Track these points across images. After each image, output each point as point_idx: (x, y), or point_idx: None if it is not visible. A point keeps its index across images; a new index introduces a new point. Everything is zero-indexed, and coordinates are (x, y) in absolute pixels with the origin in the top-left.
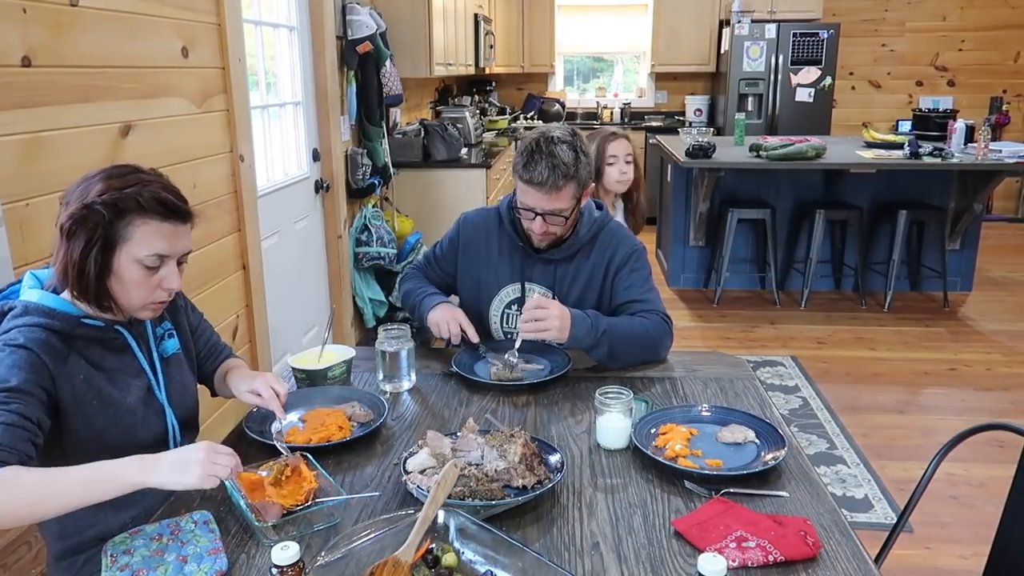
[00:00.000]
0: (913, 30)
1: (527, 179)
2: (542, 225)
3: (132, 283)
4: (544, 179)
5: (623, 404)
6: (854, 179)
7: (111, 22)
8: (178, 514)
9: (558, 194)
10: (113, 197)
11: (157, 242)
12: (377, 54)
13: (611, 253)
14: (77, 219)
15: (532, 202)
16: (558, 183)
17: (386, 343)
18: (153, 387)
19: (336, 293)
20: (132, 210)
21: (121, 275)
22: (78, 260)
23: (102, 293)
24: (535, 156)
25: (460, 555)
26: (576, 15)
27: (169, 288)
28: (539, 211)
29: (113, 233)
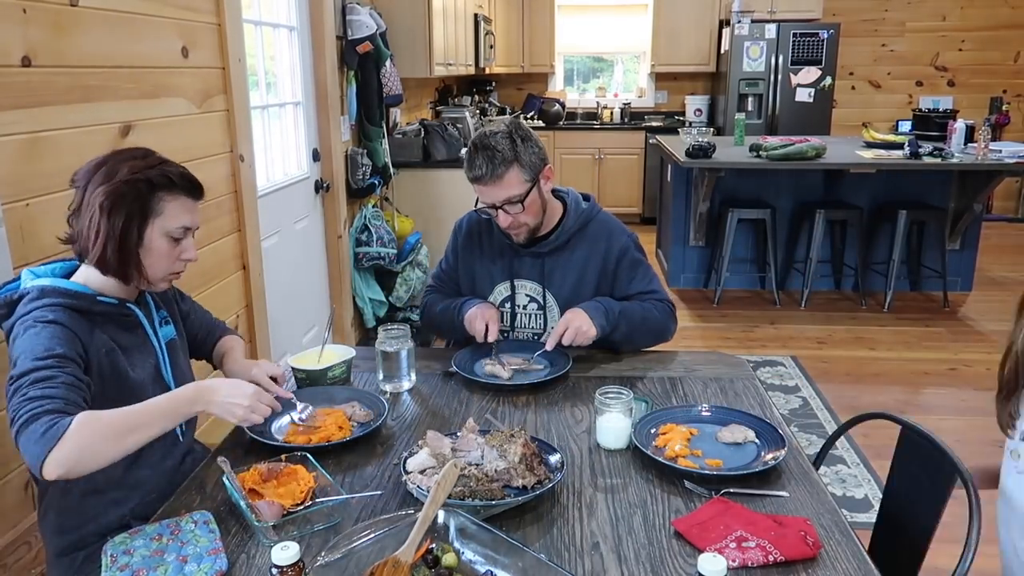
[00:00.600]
0: (913, 30)
1: (472, 178)
2: (505, 217)
3: (160, 254)
4: (484, 171)
5: (623, 404)
6: (854, 179)
7: (111, 22)
8: (178, 514)
9: (501, 182)
10: (147, 175)
11: (184, 216)
12: (377, 54)
13: (606, 246)
14: (117, 195)
15: (485, 198)
16: (497, 171)
17: (386, 343)
18: (161, 366)
19: (336, 293)
20: (164, 186)
21: (151, 247)
22: (120, 233)
23: (134, 264)
24: (473, 155)
25: (460, 555)
26: (576, 15)
27: (188, 258)
28: (495, 204)
29: (147, 207)
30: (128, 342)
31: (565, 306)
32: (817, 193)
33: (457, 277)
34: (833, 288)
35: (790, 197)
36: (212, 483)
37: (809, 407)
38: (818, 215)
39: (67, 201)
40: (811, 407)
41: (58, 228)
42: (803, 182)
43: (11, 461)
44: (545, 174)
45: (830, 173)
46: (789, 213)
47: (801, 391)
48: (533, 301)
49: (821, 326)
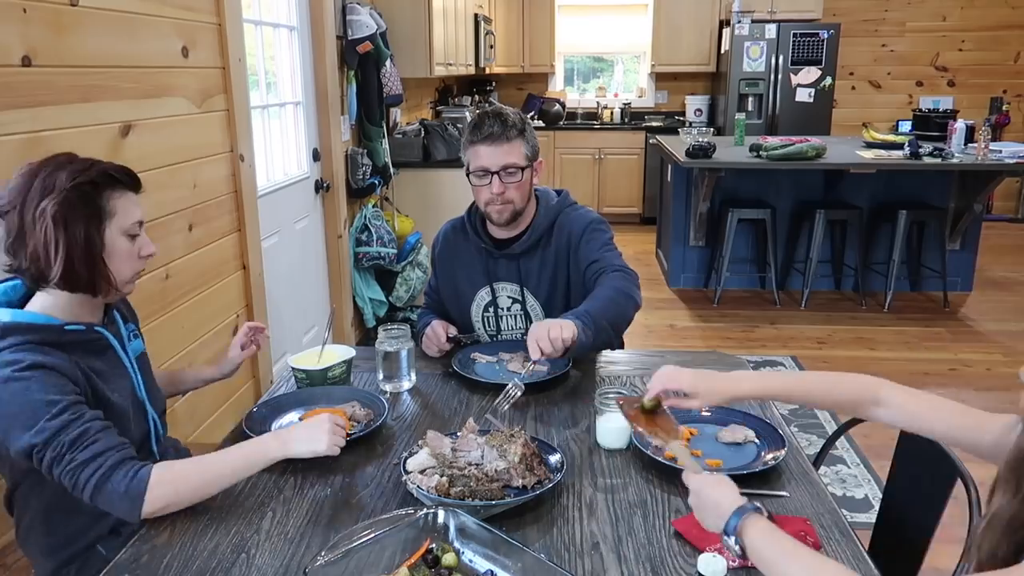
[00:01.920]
0: (913, 30)
1: (478, 138)
2: (499, 185)
3: (123, 255)
4: (495, 131)
5: None
6: (854, 179)
7: (111, 22)
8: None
9: (508, 145)
10: (88, 176)
11: (134, 210)
12: (377, 54)
13: (568, 234)
14: (68, 204)
15: (485, 160)
16: (508, 134)
17: (386, 343)
18: (135, 386)
19: (336, 293)
20: (107, 185)
21: (113, 249)
22: (84, 242)
23: (102, 272)
24: (484, 117)
25: (460, 555)
26: (576, 15)
27: (148, 254)
28: (493, 169)
29: (100, 209)
30: (101, 367)
31: (546, 304)
32: (817, 193)
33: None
34: (833, 288)
35: (790, 197)
36: None
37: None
38: (818, 215)
39: None
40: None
41: None
42: (803, 182)
43: None
44: (537, 167)
45: (830, 173)
46: (789, 213)
47: None
48: (515, 302)
49: (821, 326)
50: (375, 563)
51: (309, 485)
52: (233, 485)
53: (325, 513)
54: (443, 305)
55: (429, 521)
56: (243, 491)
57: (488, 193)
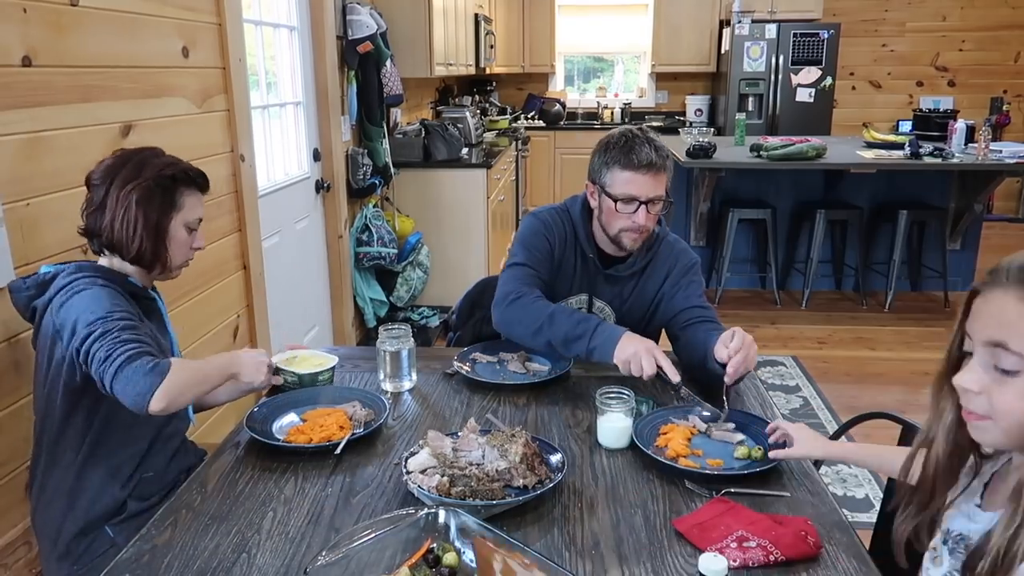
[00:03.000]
0: (913, 30)
1: (633, 164)
2: (646, 216)
3: (180, 243)
4: (652, 160)
5: (624, 404)
6: (854, 179)
7: (111, 22)
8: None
9: (662, 176)
10: (171, 172)
11: (198, 208)
12: (377, 54)
13: (670, 266)
14: (149, 191)
15: (637, 189)
16: (665, 163)
17: (387, 343)
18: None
19: (336, 293)
20: (184, 182)
21: (174, 237)
22: (155, 225)
23: (161, 251)
24: (635, 141)
25: (460, 555)
26: (576, 15)
27: (198, 247)
28: (644, 199)
29: (173, 201)
30: (150, 327)
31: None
32: (817, 193)
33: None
34: (833, 288)
35: (790, 197)
36: (212, 483)
37: (809, 407)
38: (818, 215)
39: (67, 201)
40: (811, 407)
41: (58, 228)
42: (803, 182)
43: (11, 461)
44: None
45: (830, 173)
46: (789, 213)
47: (802, 391)
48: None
49: (821, 326)
50: (375, 563)
51: (310, 485)
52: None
53: (325, 513)
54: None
55: (430, 521)
56: (243, 491)
57: (630, 222)
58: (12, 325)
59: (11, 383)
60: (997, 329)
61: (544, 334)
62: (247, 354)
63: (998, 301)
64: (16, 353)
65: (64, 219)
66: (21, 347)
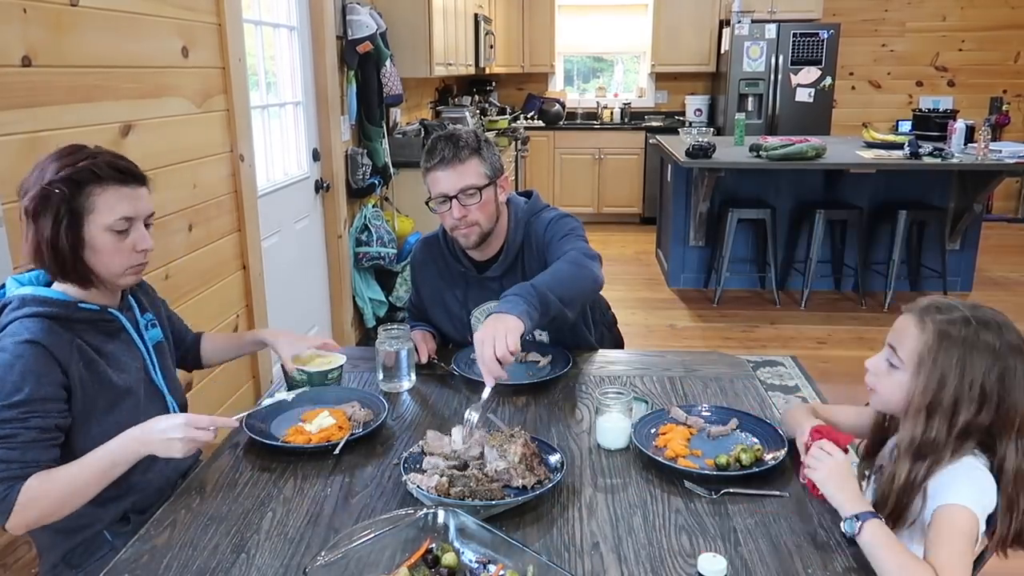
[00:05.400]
0: (913, 30)
1: (432, 164)
2: (460, 209)
3: (107, 251)
4: (446, 155)
5: (623, 404)
6: (854, 179)
7: (111, 22)
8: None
9: (462, 166)
10: (68, 172)
11: (120, 206)
12: (377, 54)
13: (536, 241)
14: (40, 199)
15: (442, 186)
16: (460, 155)
17: (386, 343)
18: (150, 370)
19: (336, 293)
20: (89, 181)
21: (95, 245)
22: (50, 238)
23: (80, 267)
24: (434, 144)
25: (460, 555)
26: (576, 15)
27: (144, 248)
28: (451, 193)
29: (77, 206)
30: (112, 348)
31: None
32: (817, 193)
33: (424, 308)
34: (833, 288)
35: (790, 197)
36: (212, 483)
37: None
38: (818, 215)
39: None
40: None
41: None
42: (803, 182)
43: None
44: (502, 183)
45: (830, 173)
46: (789, 213)
47: (801, 391)
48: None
49: (821, 326)
50: (375, 563)
51: (309, 485)
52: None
53: (324, 513)
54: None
55: (429, 521)
56: (243, 491)
57: (451, 219)
58: None
59: None
60: (895, 338)
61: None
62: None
63: (903, 321)
64: None
65: None
66: None
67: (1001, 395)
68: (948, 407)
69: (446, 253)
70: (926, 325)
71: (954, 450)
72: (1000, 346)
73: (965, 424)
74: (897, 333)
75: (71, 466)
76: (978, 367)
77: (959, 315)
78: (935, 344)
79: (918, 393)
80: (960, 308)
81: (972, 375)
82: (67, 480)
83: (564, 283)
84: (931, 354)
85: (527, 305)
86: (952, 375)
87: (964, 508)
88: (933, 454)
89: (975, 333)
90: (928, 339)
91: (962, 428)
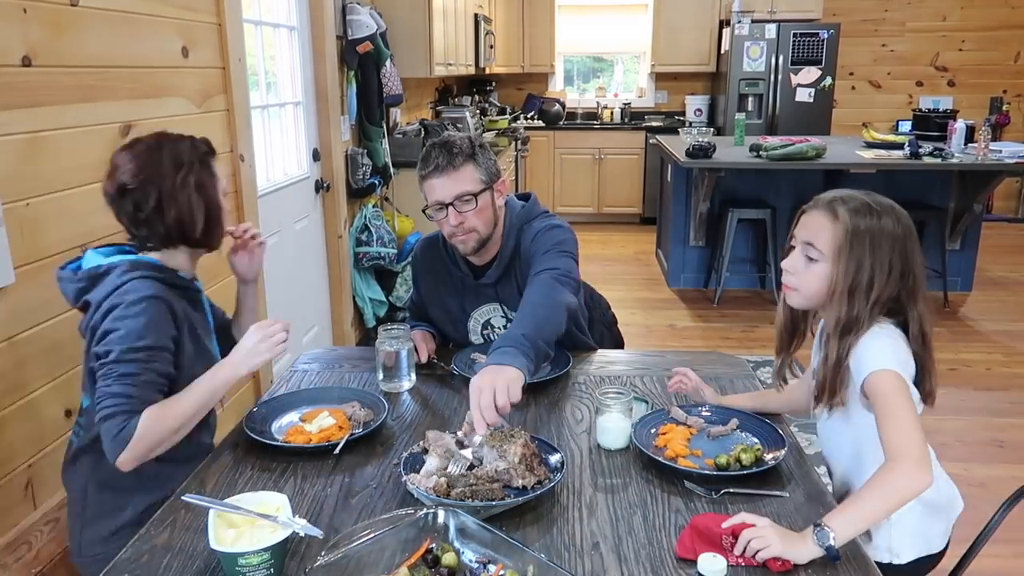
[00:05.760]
0: (913, 30)
1: (427, 172)
2: (456, 216)
3: (226, 211)
4: (441, 162)
5: (623, 404)
6: (854, 179)
7: (111, 22)
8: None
9: (457, 173)
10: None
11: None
12: (377, 54)
13: (524, 249)
14: (200, 171)
15: (438, 194)
16: (455, 162)
17: (386, 343)
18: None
19: (336, 293)
20: (211, 152)
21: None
22: (216, 201)
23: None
24: (429, 152)
25: (460, 555)
26: (576, 15)
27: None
28: (447, 200)
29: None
30: (196, 319)
31: None
32: (817, 193)
33: (425, 307)
34: None
35: (790, 197)
36: (212, 482)
37: None
38: None
39: (67, 201)
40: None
41: (58, 228)
42: (803, 182)
43: (11, 461)
44: (499, 187)
45: (830, 173)
46: (789, 213)
47: None
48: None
49: None
50: (375, 563)
51: (309, 485)
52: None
53: (325, 513)
54: (428, 319)
55: (429, 521)
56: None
57: (448, 226)
58: (12, 325)
59: (11, 383)
60: (809, 234)
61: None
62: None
63: (813, 217)
64: (16, 353)
65: (64, 219)
66: (20, 347)
67: (905, 268)
68: (866, 286)
69: (444, 257)
70: (838, 216)
71: (871, 323)
72: (898, 226)
73: (878, 296)
74: (809, 229)
75: (178, 398)
76: (886, 246)
77: (863, 203)
78: (850, 232)
79: (840, 278)
80: (860, 196)
81: (881, 254)
82: (176, 411)
83: (545, 326)
84: (848, 241)
85: (524, 358)
86: (867, 257)
87: (887, 371)
88: (855, 328)
89: (878, 217)
90: (842, 229)
91: (876, 300)
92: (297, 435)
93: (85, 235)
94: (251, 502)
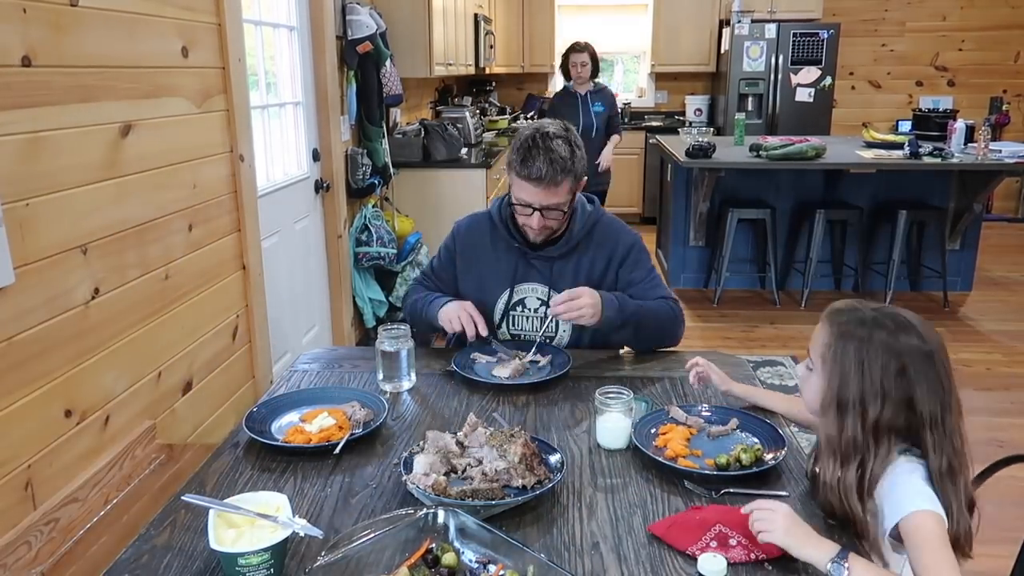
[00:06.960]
0: (913, 30)
1: (525, 175)
2: (540, 220)
3: None
4: (543, 174)
5: (623, 404)
6: (854, 179)
7: (111, 22)
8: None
9: (556, 189)
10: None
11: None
12: (377, 54)
13: (611, 249)
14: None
15: (529, 197)
16: (556, 178)
17: (386, 343)
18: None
19: (336, 293)
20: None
21: None
22: None
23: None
24: (532, 152)
25: (460, 555)
26: (576, 15)
27: None
28: (537, 206)
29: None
30: None
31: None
32: (817, 193)
33: (447, 277)
34: (833, 288)
35: (790, 197)
36: (212, 482)
37: None
38: (818, 215)
39: (67, 201)
40: None
41: (58, 228)
42: (803, 182)
43: (11, 461)
44: (582, 185)
45: (830, 173)
46: (789, 213)
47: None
48: (543, 304)
49: None
50: (375, 563)
51: (309, 485)
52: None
53: (325, 513)
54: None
55: (429, 521)
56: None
57: (528, 224)
58: (12, 325)
59: (11, 383)
60: (811, 343)
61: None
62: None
63: (818, 326)
64: (16, 353)
65: (64, 219)
66: (20, 347)
67: (907, 393)
68: (857, 404)
69: (499, 226)
70: (831, 327)
71: (878, 452)
72: (895, 344)
73: (875, 421)
74: (812, 338)
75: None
76: (875, 364)
77: (859, 316)
78: (835, 342)
79: (825, 390)
80: (863, 309)
81: (871, 372)
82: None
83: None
84: (832, 352)
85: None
86: (853, 372)
87: (925, 512)
88: (856, 455)
89: (869, 332)
90: (829, 339)
91: (874, 426)
92: (297, 435)
93: (85, 235)
94: (251, 502)
